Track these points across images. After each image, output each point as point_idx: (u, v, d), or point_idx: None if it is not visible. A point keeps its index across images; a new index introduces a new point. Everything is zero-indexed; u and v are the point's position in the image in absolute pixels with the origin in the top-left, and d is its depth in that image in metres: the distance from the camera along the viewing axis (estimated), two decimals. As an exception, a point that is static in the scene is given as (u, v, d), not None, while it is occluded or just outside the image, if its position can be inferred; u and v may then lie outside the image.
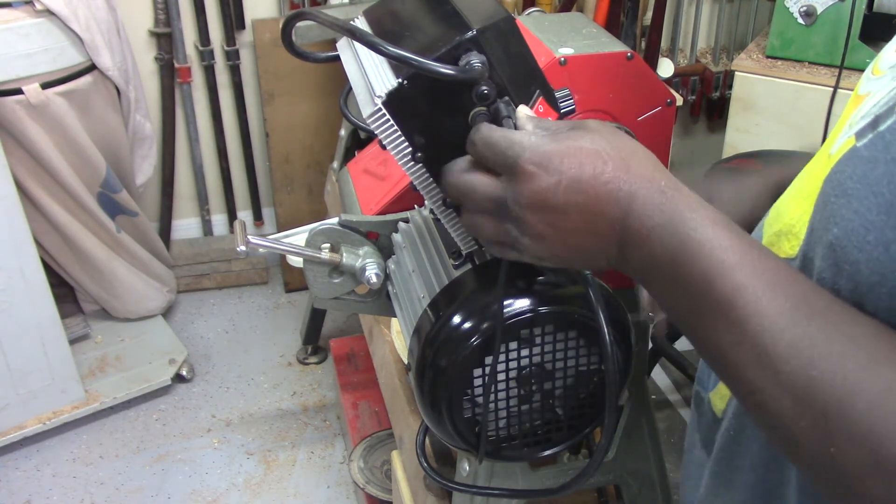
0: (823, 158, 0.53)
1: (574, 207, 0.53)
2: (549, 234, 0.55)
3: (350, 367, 2.17)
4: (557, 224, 0.54)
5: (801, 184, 0.58)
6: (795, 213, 0.55)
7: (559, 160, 0.53)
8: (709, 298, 0.48)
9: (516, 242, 0.56)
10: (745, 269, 0.48)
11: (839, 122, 0.57)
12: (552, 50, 0.81)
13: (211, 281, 2.69)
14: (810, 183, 0.54)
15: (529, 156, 0.53)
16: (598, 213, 0.53)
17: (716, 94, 2.83)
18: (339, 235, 0.89)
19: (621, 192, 0.52)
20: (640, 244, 0.52)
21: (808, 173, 0.57)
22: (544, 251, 0.56)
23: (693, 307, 0.50)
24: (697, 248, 0.49)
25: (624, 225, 0.53)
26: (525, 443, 0.76)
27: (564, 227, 0.54)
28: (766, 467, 0.59)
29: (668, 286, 0.52)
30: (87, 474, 2.01)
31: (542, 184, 0.53)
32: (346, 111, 1.50)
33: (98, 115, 2.11)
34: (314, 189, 2.63)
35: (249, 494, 1.96)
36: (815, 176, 0.54)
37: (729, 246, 0.49)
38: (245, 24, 2.49)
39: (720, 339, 0.48)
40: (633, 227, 0.52)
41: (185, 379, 2.29)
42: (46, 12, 1.92)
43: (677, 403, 2.19)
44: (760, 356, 0.46)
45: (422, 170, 0.64)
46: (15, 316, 1.91)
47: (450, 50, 0.59)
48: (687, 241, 0.50)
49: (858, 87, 0.57)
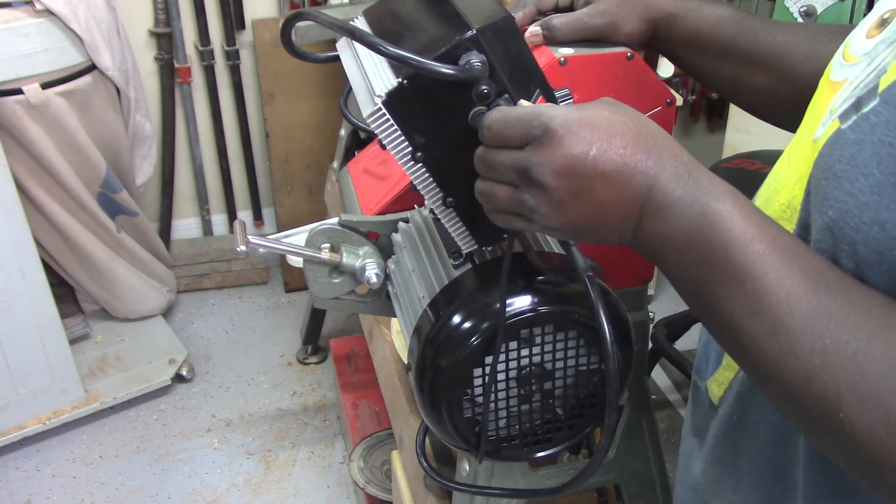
0: (807, 144, 0.54)
1: (601, 177, 0.53)
2: (571, 203, 0.54)
3: (350, 367, 2.17)
4: (582, 192, 0.54)
5: (786, 169, 0.58)
6: (785, 199, 0.56)
7: (589, 129, 0.53)
8: (726, 268, 0.49)
9: (531, 211, 0.56)
10: (764, 240, 0.49)
11: (813, 108, 0.58)
12: (552, 50, 0.81)
13: (211, 281, 2.69)
14: (798, 167, 0.55)
15: (560, 121, 0.54)
16: (625, 183, 0.53)
17: (716, 95, 2.83)
18: (339, 235, 0.89)
19: (649, 163, 0.53)
20: (659, 215, 0.53)
21: (793, 158, 0.58)
22: (560, 220, 0.56)
23: (708, 277, 0.50)
24: (717, 217, 0.50)
25: (648, 197, 0.53)
26: (525, 443, 0.76)
27: (588, 196, 0.54)
28: (773, 447, 0.59)
29: (683, 257, 0.52)
30: (87, 474, 2.01)
31: (574, 150, 0.53)
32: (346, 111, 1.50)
33: (98, 115, 2.11)
34: (314, 189, 2.63)
35: (249, 494, 1.96)
36: (801, 161, 0.54)
37: (748, 216, 0.50)
38: (245, 24, 2.49)
39: (735, 310, 0.48)
40: (655, 199, 0.53)
41: (185, 379, 2.29)
42: (46, 12, 1.92)
43: (677, 403, 2.19)
44: (777, 326, 0.46)
45: (422, 170, 0.64)
46: (15, 316, 1.91)
47: (450, 49, 0.59)
48: (707, 212, 0.51)
49: (829, 73, 0.58)
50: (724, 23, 0.79)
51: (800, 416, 0.47)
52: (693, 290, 0.52)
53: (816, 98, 0.59)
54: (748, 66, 0.78)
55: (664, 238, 0.53)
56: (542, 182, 0.54)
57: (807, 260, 0.48)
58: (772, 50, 0.77)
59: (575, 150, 0.53)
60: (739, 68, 0.79)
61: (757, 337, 0.47)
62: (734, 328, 0.49)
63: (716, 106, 2.91)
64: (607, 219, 0.55)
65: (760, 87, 0.78)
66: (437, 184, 0.66)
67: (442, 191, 0.66)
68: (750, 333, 0.48)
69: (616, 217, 0.54)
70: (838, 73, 0.56)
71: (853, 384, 0.43)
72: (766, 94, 0.78)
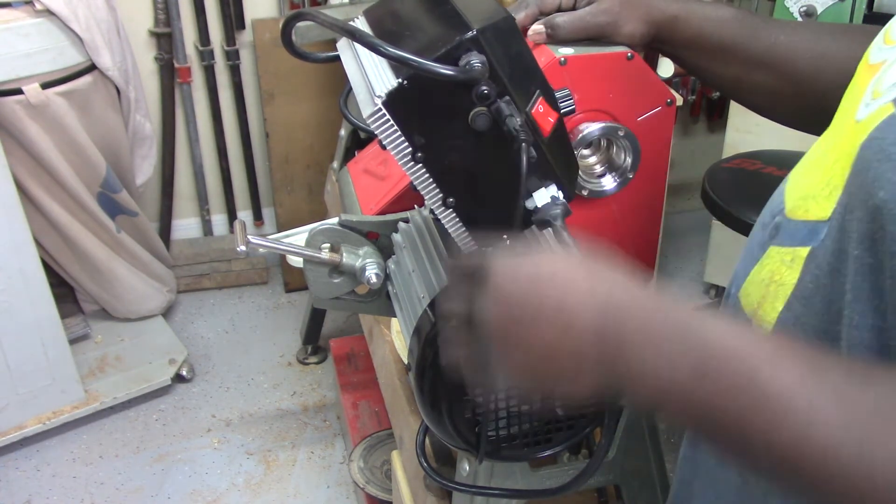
0: (848, 124, 0.53)
1: (543, 321, 0.49)
2: (517, 354, 0.51)
3: (350, 367, 2.16)
4: (528, 340, 0.50)
5: (823, 149, 0.57)
6: (822, 177, 0.55)
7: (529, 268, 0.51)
8: (748, 396, 0.46)
9: (486, 368, 0.53)
10: (766, 354, 0.47)
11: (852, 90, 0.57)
12: (552, 50, 0.81)
13: (211, 281, 2.69)
14: (837, 148, 0.54)
15: (499, 264, 0.51)
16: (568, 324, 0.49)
17: (716, 95, 2.83)
18: (339, 235, 0.89)
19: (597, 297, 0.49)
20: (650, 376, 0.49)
21: (831, 138, 0.57)
22: (516, 372, 0.52)
23: (727, 409, 0.47)
24: (722, 353, 0.47)
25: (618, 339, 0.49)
26: (525, 443, 0.76)
27: (535, 343, 0.50)
28: None
29: (690, 399, 0.48)
30: (87, 474, 2.01)
31: (509, 292, 0.50)
32: (345, 111, 1.51)
33: (98, 115, 2.11)
34: (314, 189, 2.63)
35: (249, 494, 1.96)
36: (843, 141, 0.54)
37: (752, 340, 0.49)
38: (245, 24, 2.49)
39: (758, 432, 0.46)
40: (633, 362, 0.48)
41: (185, 379, 2.29)
42: (46, 12, 1.92)
43: (677, 403, 2.19)
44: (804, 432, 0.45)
45: (422, 170, 0.64)
46: (15, 316, 1.91)
47: (450, 50, 0.59)
48: (708, 350, 0.48)
49: (868, 57, 0.57)
50: (727, 24, 0.79)
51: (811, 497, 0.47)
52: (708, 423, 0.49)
53: (856, 80, 0.58)
54: (751, 67, 0.78)
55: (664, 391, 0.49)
56: (485, 327, 0.51)
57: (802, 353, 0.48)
58: (775, 50, 0.77)
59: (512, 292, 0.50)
60: (742, 69, 0.79)
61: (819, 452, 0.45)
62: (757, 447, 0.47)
63: (716, 106, 2.91)
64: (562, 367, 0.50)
65: (764, 86, 0.78)
66: (437, 184, 0.66)
67: (442, 191, 0.66)
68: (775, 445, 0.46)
69: (572, 364, 0.50)
70: (877, 55, 0.56)
71: None
72: (769, 93, 0.79)
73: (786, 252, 0.56)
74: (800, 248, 0.55)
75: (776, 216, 0.59)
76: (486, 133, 0.62)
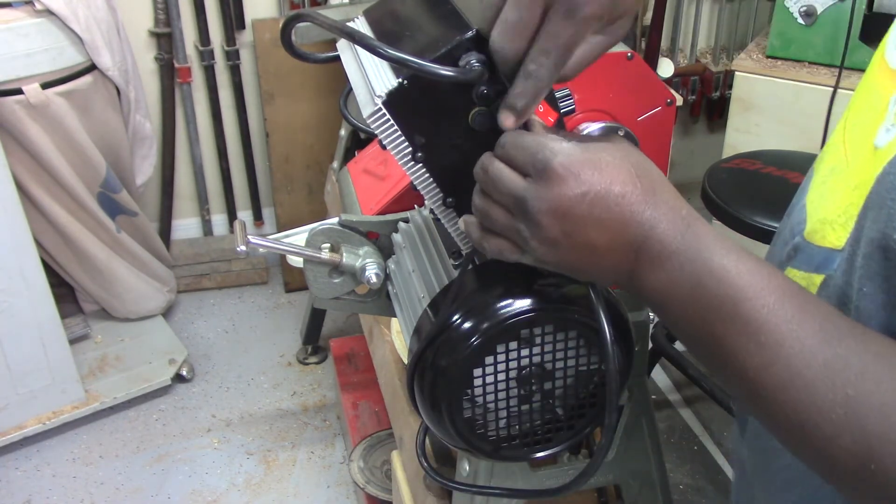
0: (867, 147, 0.52)
1: (595, 222, 0.53)
2: (563, 243, 0.54)
3: (350, 367, 2.17)
4: (574, 234, 0.54)
5: (844, 170, 0.56)
6: (841, 202, 0.54)
7: (590, 171, 0.53)
8: (737, 322, 0.48)
9: (525, 243, 0.56)
10: (773, 293, 0.48)
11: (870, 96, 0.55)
12: (552, 50, 0.81)
13: (211, 281, 2.69)
14: (858, 173, 0.53)
15: (561, 160, 0.53)
16: (619, 231, 0.53)
17: (716, 94, 2.83)
18: (339, 235, 0.89)
19: (645, 214, 0.53)
20: (657, 266, 0.52)
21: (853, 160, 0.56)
22: (552, 257, 0.56)
23: (716, 331, 0.50)
24: (722, 272, 0.50)
25: (643, 247, 0.53)
26: (525, 443, 0.75)
27: (580, 240, 0.54)
28: None
29: (686, 310, 0.52)
30: (87, 474, 2.01)
31: (569, 191, 0.53)
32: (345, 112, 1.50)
33: (98, 115, 2.11)
34: (314, 189, 2.63)
35: (249, 494, 1.96)
36: (863, 167, 0.53)
37: (754, 269, 0.49)
38: (245, 24, 2.49)
39: (747, 363, 0.48)
40: (652, 250, 0.52)
41: (185, 379, 2.29)
42: (46, 12, 1.92)
43: (677, 403, 2.19)
44: (794, 378, 0.46)
45: (422, 170, 0.64)
46: (15, 316, 1.91)
47: (450, 50, 0.59)
48: (710, 266, 0.50)
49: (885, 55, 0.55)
50: None
51: (823, 467, 0.47)
52: (699, 342, 0.52)
53: (872, 82, 0.56)
54: None
55: (664, 291, 0.53)
56: (536, 218, 0.54)
57: (817, 309, 0.48)
58: None
59: (572, 193, 0.53)
60: None
61: (773, 390, 0.47)
62: (747, 381, 0.49)
63: (716, 106, 2.91)
64: (600, 263, 0.55)
65: None
66: (437, 184, 0.66)
67: (442, 191, 0.66)
68: (765, 386, 0.47)
69: (609, 263, 0.55)
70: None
71: (883, 435, 0.43)
72: None
73: (802, 277, 0.56)
74: (815, 274, 0.55)
75: (796, 236, 0.59)
76: (487, 133, 0.62)
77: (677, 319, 0.53)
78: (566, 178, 0.53)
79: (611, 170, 0.53)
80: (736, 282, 0.49)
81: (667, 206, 0.53)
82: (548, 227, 0.54)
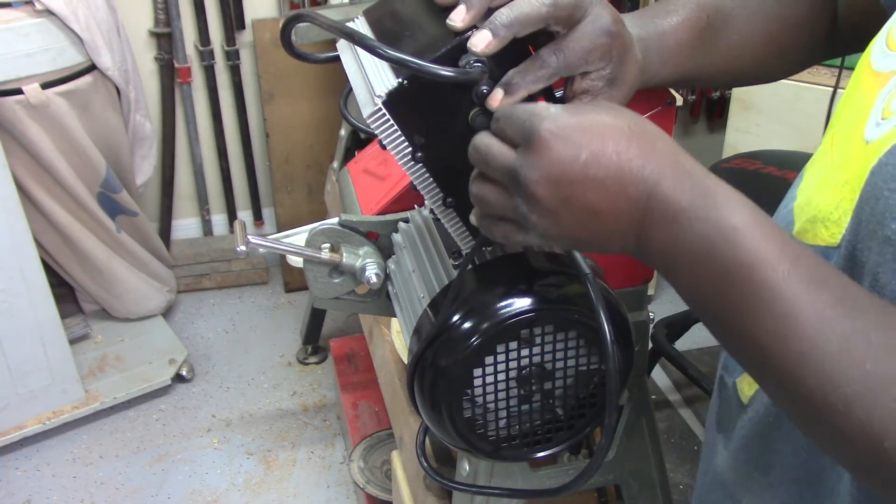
0: (857, 143, 0.51)
1: (593, 183, 0.50)
2: (563, 213, 0.52)
3: (350, 367, 2.17)
4: (572, 200, 0.51)
5: (832, 168, 0.55)
6: (832, 199, 0.53)
7: (580, 133, 0.50)
8: (749, 289, 0.46)
9: (525, 220, 0.53)
10: (789, 259, 0.46)
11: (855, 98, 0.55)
12: (552, 50, 0.81)
13: (211, 281, 2.69)
14: (847, 169, 0.52)
15: (548, 125, 0.51)
16: (619, 191, 0.50)
17: (716, 94, 2.83)
18: (339, 235, 0.89)
19: (647, 169, 0.49)
20: (665, 225, 0.49)
21: (838, 153, 0.54)
22: (555, 230, 0.53)
23: (728, 297, 0.47)
24: (735, 234, 0.47)
25: (648, 206, 0.50)
26: (525, 443, 0.75)
27: (580, 205, 0.51)
28: (808, 452, 0.57)
29: (696, 273, 0.49)
30: (87, 474, 2.01)
31: (560, 155, 0.50)
32: (345, 112, 1.50)
33: (98, 115, 2.11)
34: (314, 189, 2.63)
35: (249, 494, 1.96)
36: (853, 162, 0.51)
37: (769, 233, 0.47)
38: (245, 24, 2.49)
39: (760, 332, 0.46)
40: (658, 209, 0.49)
41: (185, 379, 2.29)
42: (46, 12, 1.92)
43: (677, 403, 2.19)
44: (809, 350, 0.44)
45: (422, 170, 0.64)
46: (15, 316, 1.91)
47: (450, 50, 0.59)
48: (722, 226, 0.47)
49: (870, 60, 0.54)
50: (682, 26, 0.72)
51: (835, 444, 0.45)
52: (709, 307, 0.49)
53: (858, 86, 0.55)
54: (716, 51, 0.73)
55: (673, 251, 0.50)
56: (531, 189, 0.51)
57: (835, 280, 0.45)
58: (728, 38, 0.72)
59: (563, 156, 0.50)
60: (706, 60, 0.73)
61: (786, 361, 0.45)
62: (759, 350, 0.46)
63: (716, 106, 2.91)
64: (605, 228, 0.52)
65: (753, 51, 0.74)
66: (437, 184, 0.66)
67: (442, 191, 0.66)
68: (778, 357, 0.45)
69: (614, 226, 0.52)
70: (882, 62, 0.53)
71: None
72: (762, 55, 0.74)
73: None
74: None
75: None
76: None
77: (686, 283, 0.50)
78: (554, 142, 0.50)
79: (603, 129, 0.50)
80: (750, 245, 0.46)
81: (668, 160, 0.50)
82: (544, 197, 0.51)
